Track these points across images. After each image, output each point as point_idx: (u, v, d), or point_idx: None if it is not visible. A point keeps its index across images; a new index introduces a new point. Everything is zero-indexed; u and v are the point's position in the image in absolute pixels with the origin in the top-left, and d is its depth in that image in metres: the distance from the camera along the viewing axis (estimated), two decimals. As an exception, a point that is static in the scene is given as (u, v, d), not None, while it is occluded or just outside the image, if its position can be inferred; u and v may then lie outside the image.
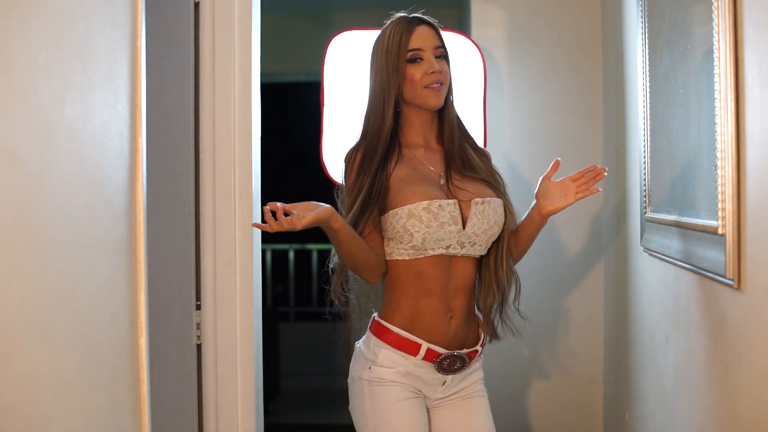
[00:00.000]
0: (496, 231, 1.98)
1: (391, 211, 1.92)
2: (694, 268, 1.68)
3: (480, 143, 2.61)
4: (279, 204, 1.81)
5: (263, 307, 2.45)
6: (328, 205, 1.85)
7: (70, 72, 1.22)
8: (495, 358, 2.23)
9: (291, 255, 6.34)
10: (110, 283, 1.37)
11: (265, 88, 2.51)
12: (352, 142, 2.04)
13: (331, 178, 2.55)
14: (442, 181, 1.99)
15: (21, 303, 1.09)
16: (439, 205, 1.90)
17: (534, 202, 2.04)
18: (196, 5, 2.31)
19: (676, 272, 1.89)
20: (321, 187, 2.59)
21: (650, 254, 2.16)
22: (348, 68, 2.56)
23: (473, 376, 2.04)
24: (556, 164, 2.04)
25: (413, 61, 1.96)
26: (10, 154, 1.05)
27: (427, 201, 1.90)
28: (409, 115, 2.01)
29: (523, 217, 2.06)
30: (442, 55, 1.99)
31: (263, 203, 2.45)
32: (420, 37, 1.97)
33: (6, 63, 1.04)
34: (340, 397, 2.05)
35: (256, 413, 2.31)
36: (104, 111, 1.33)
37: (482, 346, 2.03)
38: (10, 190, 1.05)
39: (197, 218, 2.30)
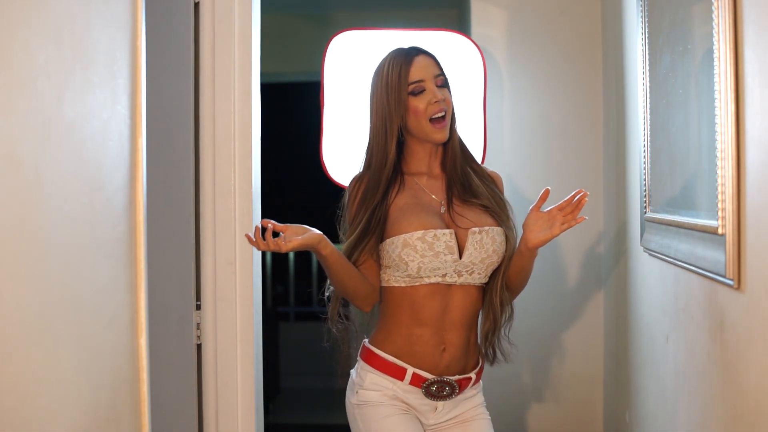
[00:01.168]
0: (495, 260, 1.95)
1: (387, 240, 1.91)
2: (694, 268, 1.68)
3: (480, 143, 2.61)
4: (270, 224, 1.80)
5: (263, 307, 2.45)
6: (318, 231, 1.85)
7: (70, 72, 1.22)
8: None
9: (291, 255, 6.34)
10: (110, 283, 1.37)
11: (265, 88, 2.51)
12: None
13: (330, 177, 2.56)
14: (443, 209, 1.97)
15: (21, 303, 1.09)
16: (435, 235, 1.89)
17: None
18: (196, 5, 2.31)
19: (676, 272, 1.89)
20: (321, 187, 2.59)
21: (650, 254, 2.16)
22: (348, 68, 2.56)
23: (470, 402, 2.01)
24: (545, 194, 1.93)
25: (415, 93, 1.94)
26: (10, 154, 1.05)
27: (422, 231, 1.89)
28: (413, 146, 2.00)
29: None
30: (444, 84, 1.98)
31: (263, 203, 2.46)
32: (420, 68, 1.95)
33: (6, 63, 1.04)
34: (340, 397, 2.05)
35: (256, 413, 2.31)
36: (104, 111, 1.33)
37: (477, 374, 2.00)
38: (9, 190, 1.05)
39: (197, 218, 2.30)
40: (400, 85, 1.94)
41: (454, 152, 2.01)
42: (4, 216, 1.04)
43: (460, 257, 1.91)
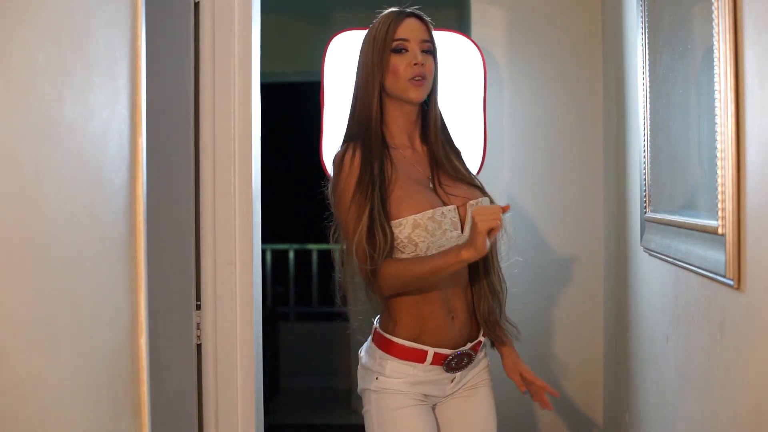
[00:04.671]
0: None
1: (394, 221, 1.87)
2: (694, 268, 1.67)
3: (480, 143, 2.61)
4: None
5: (263, 307, 2.45)
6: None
7: (70, 72, 1.22)
8: (494, 357, 2.23)
9: (291, 255, 6.35)
10: (110, 283, 1.37)
11: (265, 88, 2.50)
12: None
13: (331, 178, 2.55)
14: (431, 184, 1.97)
15: (21, 303, 1.09)
16: (442, 213, 1.89)
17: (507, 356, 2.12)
18: (196, 5, 2.31)
19: (676, 272, 1.89)
20: (320, 187, 2.58)
21: (650, 254, 2.15)
22: (348, 68, 2.56)
23: (480, 365, 2.06)
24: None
25: (398, 51, 1.95)
26: (10, 154, 1.05)
27: (432, 210, 1.88)
28: (393, 112, 1.99)
29: (499, 345, 2.10)
30: (429, 51, 1.97)
31: (263, 203, 2.46)
32: (407, 29, 1.96)
33: (6, 63, 1.04)
34: (340, 397, 2.05)
35: (256, 413, 2.31)
36: (104, 111, 1.33)
37: (484, 335, 2.04)
38: (9, 191, 1.05)
39: (197, 218, 2.30)
40: (385, 42, 1.95)
41: (436, 124, 2.02)
42: (4, 216, 1.04)
43: (462, 231, 1.92)
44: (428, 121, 2.02)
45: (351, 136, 1.99)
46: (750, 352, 1.37)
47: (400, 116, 2.00)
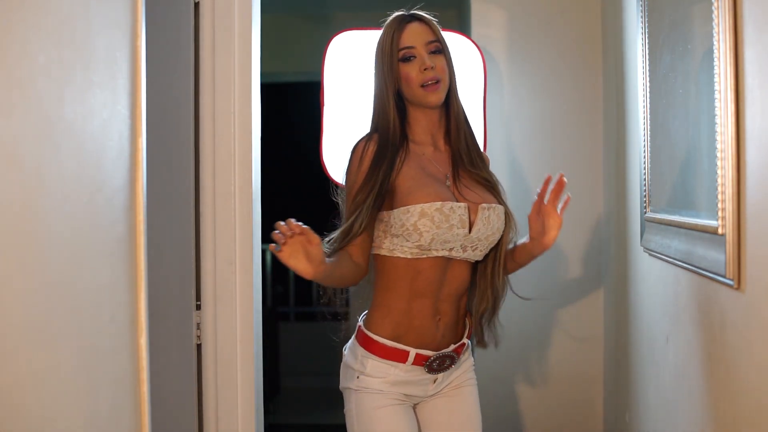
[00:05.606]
0: (496, 237, 1.97)
1: (402, 208, 1.88)
2: (694, 268, 1.68)
3: (480, 143, 2.61)
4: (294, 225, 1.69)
5: (263, 307, 2.45)
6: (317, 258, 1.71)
7: (70, 72, 1.22)
8: (494, 357, 2.23)
9: (291, 255, 6.33)
10: (110, 283, 1.37)
11: (265, 88, 2.50)
12: (355, 139, 2.02)
13: (330, 177, 2.55)
14: (448, 183, 1.97)
15: (21, 303, 1.09)
16: (451, 207, 1.88)
17: (527, 238, 2.02)
18: (196, 5, 2.31)
19: (676, 272, 1.89)
20: (320, 187, 2.59)
21: (650, 254, 2.16)
22: (348, 68, 2.56)
23: (464, 366, 2.05)
24: (547, 182, 1.99)
25: (406, 60, 1.95)
26: (10, 153, 1.05)
27: (441, 202, 1.88)
28: (415, 114, 2.00)
29: (519, 244, 2.04)
30: (437, 50, 1.97)
31: (263, 203, 2.46)
32: (411, 35, 1.96)
33: (6, 63, 1.04)
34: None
35: (256, 413, 2.31)
36: (104, 111, 1.33)
37: (468, 337, 2.03)
38: (10, 190, 1.05)
39: (197, 218, 2.30)
40: (392, 52, 1.95)
41: (457, 121, 2.02)
42: (4, 215, 1.04)
43: (469, 232, 1.91)
44: (450, 119, 2.02)
45: (374, 129, 2.00)
46: (750, 352, 1.37)
47: (422, 119, 2.00)
